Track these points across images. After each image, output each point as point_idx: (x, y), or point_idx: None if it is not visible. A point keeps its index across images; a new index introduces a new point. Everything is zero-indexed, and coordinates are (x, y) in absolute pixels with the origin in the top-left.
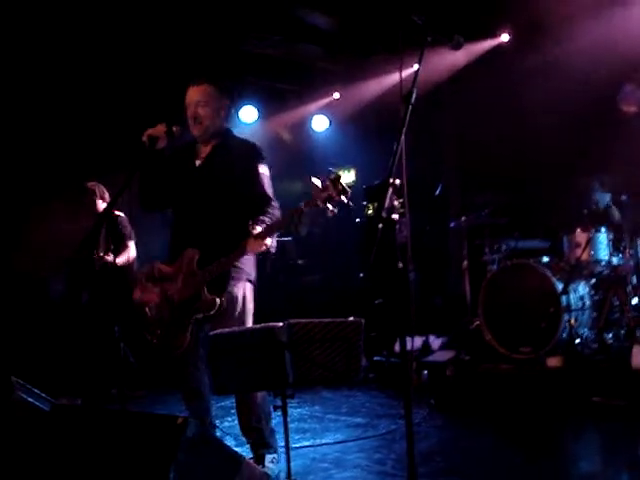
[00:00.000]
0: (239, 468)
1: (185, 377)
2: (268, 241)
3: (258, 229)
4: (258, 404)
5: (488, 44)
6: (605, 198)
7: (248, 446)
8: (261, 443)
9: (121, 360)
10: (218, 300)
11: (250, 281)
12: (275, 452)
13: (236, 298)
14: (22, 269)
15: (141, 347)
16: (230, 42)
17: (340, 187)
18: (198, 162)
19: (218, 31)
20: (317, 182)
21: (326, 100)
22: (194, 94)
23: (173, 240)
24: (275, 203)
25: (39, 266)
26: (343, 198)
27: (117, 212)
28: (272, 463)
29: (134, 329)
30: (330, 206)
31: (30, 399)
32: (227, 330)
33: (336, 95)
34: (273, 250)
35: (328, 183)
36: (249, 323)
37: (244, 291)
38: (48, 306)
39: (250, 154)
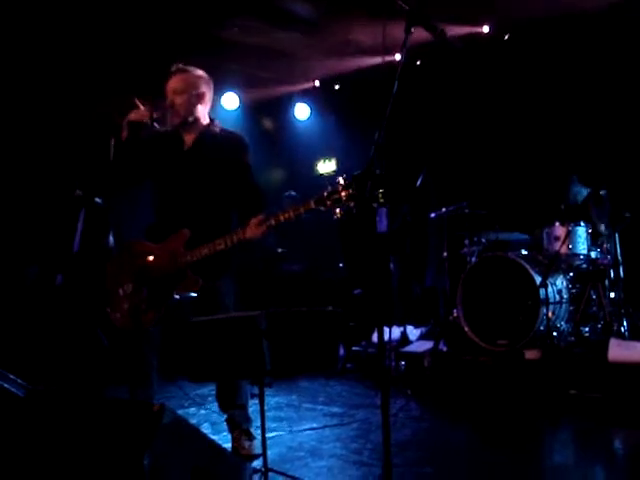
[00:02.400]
0: (215, 456)
1: (138, 360)
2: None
3: (262, 216)
4: (243, 382)
5: (467, 30)
6: (584, 192)
7: (225, 430)
8: (245, 418)
9: (98, 345)
10: (201, 280)
11: (233, 274)
12: (251, 426)
13: (221, 292)
14: None
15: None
16: (212, 29)
17: (350, 191)
18: (185, 149)
19: (200, 17)
20: (333, 184)
21: (308, 88)
22: (172, 82)
23: (157, 222)
24: (263, 196)
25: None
26: (351, 203)
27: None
28: (255, 437)
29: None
30: (337, 209)
31: (5, 384)
32: (206, 317)
33: (317, 83)
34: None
35: (340, 187)
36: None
37: (228, 285)
38: (23, 290)
39: (238, 146)
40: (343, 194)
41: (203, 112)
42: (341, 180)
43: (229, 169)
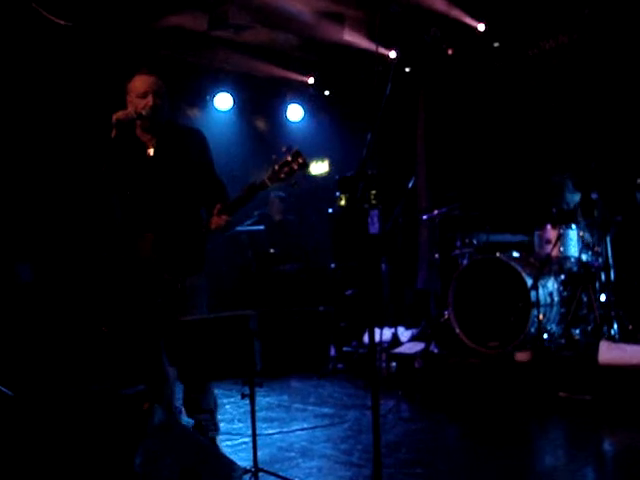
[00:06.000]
0: (205, 455)
1: (150, 361)
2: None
3: (220, 205)
4: (210, 386)
5: (462, 29)
6: (576, 196)
7: None
8: (212, 425)
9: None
10: (178, 283)
11: (204, 272)
12: (218, 433)
13: (199, 288)
14: None
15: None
16: (205, 30)
17: (300, 160)
18: (151, 151)
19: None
20: (280, 156)
21: (301, 89)
22: (150, 84)
23: (127, 227)
24: (225, 188)
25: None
26: (303, 170)
27: None
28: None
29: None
30: (292, 179)
31: None
32: (196, 317)
33: (311, 80)
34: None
35: (289, 158)
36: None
37: (199, 283)
38: (15, 291)
39: (200, 143)
40: (294, 165)
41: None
42: (286, 150)
43: (193, 169)
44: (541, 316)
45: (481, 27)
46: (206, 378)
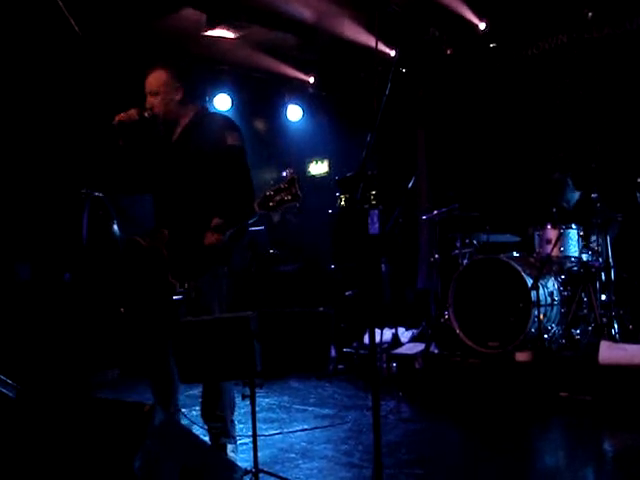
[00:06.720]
0: (206, 457)
1: (155, 359)
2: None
3: (216, 221)
4: (225, 392)
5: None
6: (576, 196)
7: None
8: (223, 432)
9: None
10: (178, 284)
11: (224, 273)
12: (235, 442)
13: (207, 291)
14: None
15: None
16: (203, 30)
17: (293, 191)
18: (173, 139)
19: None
20: (276, 184)
21: (300, 89)
22: (147, 83)
23: (155, 218)
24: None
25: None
26: (295, 203)
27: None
28: (233, 453)
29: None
30: (279, 210)
31: None
32: (196, 318)
33: (311, 79)
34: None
35: (283, 185)
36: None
37: (210, 285)
38: (15, 290)
39: (220, 127)
40: (287, 197)
41: (184, 104)
42: (288, 174)
43: (211, 154)
44: (541, 316)
45: (482, 26)
46: (206, 379)
